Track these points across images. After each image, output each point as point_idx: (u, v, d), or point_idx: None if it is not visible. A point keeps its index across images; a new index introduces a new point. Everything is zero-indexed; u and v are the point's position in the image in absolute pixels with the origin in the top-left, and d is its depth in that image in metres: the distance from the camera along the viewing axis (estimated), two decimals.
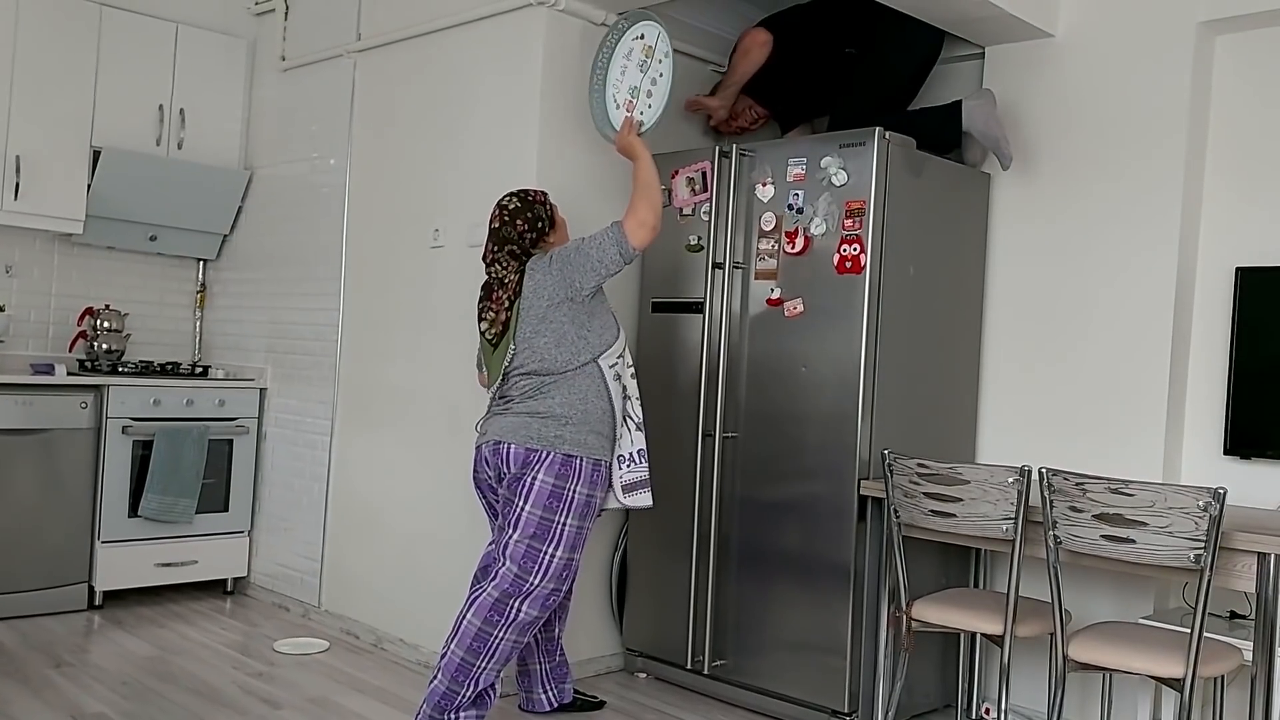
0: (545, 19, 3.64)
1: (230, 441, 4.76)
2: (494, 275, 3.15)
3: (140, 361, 4.88)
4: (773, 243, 3.49)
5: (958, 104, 3.53)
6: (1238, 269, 3.33)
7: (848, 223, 3.31)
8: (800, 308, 3.41)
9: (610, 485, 3.17)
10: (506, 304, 3.10)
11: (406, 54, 4.20)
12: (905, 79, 3.75)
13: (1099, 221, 3.54)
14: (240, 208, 5.09)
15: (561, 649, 3.43)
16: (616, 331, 3.19)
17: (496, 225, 3.18)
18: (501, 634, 3.01)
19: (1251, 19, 3.31)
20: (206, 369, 4.97)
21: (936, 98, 3.89)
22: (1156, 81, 3.44)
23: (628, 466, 3.18)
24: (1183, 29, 3.40)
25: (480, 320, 3.16)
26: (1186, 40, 3.39)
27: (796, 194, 3.43)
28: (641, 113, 3.40)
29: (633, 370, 3.23)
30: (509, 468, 3.05)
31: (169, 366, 4.88)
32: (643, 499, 3.22)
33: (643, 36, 3.42)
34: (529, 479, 3.01)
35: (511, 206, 3.18)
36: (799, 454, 3.41)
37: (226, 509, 4.76)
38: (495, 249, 3.17)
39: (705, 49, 4.15)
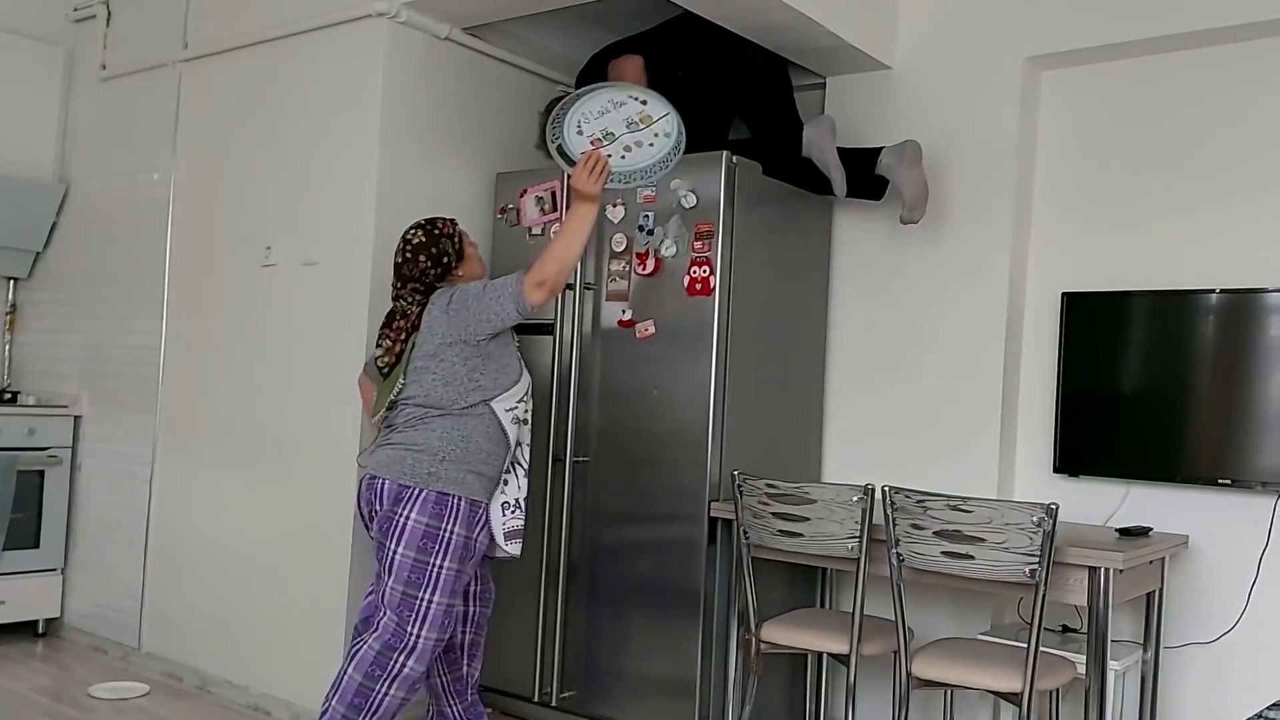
0: (386, 31, 3.53)
1: (41, 473, 4.42)
2: (398, 307, 3.02)
3: None
4: (624, 264, 3.46)
5: (799, 128, 3.58)
6: (1064, 294, 3.48)
7: (697, 245, 3.31)
8: (652, 329, 3.39)
9: (491, 532, 2.99)
10: (404, 335, 2.96)
11: (237, 65, 4.02)
12: (726, 99, 3.76)
13: (934, 247, 3.64)
14: (55, 223, 4.78)
15: (475, 689, 3.20)
16: (518, 375, 3.02)
17: (399, 261, 3.04)
18: (385, 689, 2.81)
19: (1074, 55, 3.48)
20: (16, 395, 4.62)
21: None
22: (987, 114, 3.58)
23: (511, 513, 3.02)
24: (1011, 64, 3.54)
25: (377, 346, 3.02)
26: (1014, 75, 3.54)
27: (647, 215, 3.41)
28: (608, 156, 2.92)
29: (529, 415, 3.08)
30: (380, 504, 2.88)
31: None
32: (517, 548, 3.04)
33: (645, 103, 2.96)
34: (400, 518, 2.84)
35: (415, 241, 3.02)
36: (651, 477, 3.38)
37: (37, 545, 4.42)
38: (399, 285, 3.04)
39: (551, 68, 4.11)
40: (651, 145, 2.94)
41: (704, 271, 3.29)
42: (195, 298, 4.12)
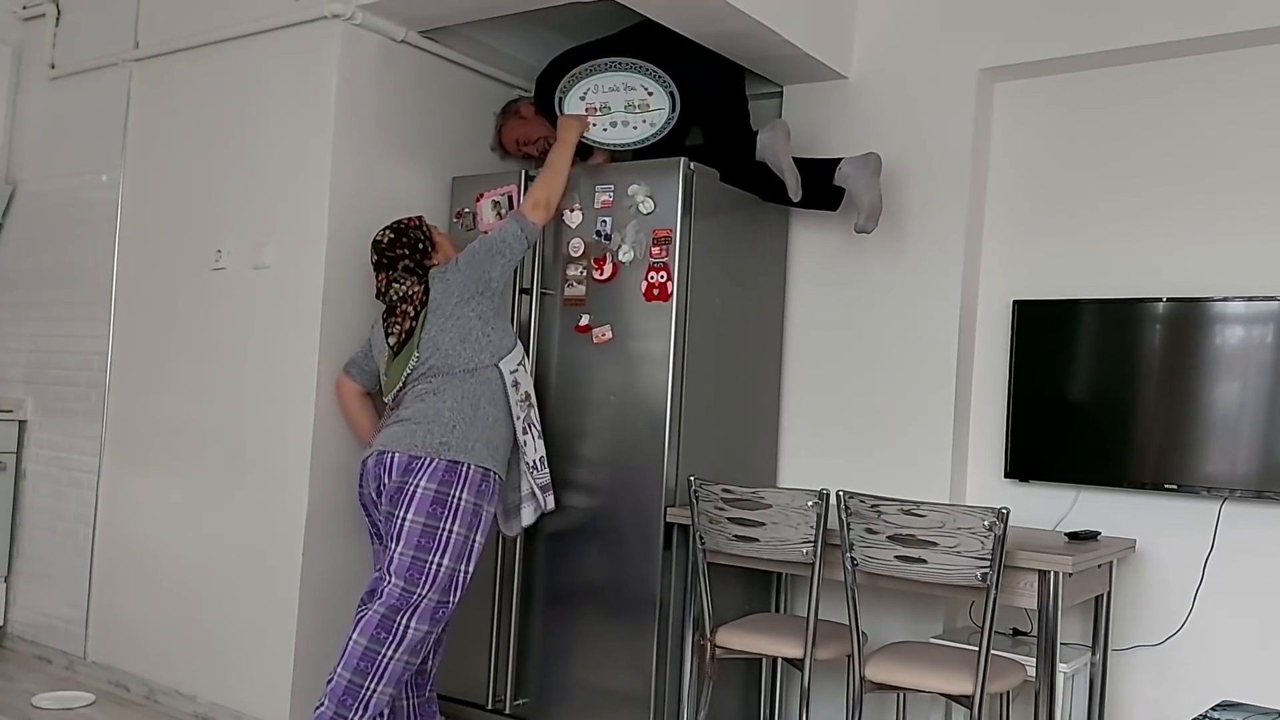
0: (341, 33, 3.50)
1: None
2: (395, 295, 3.13)
3: None
4: (581, 269, 3.45)
5: (752, 134, 3.60)
6: (1015, 302, 3.53)
7: (655, 250, 3.31)
8: (609, 335, 3.39)
9: (533, 493, 3.20)
10: (412, 314, 3.09)
11: (189, 65, 3.97)
12: (685, 107, 3.75)
13: (889, 255, 3.68)
14: (1, 224, 4.68)
15: (433, 684, 3.26)
16: (515, 340, 3.21)
17: (377, 258, 3.22)
18: (390, 652, 2.88)
19: (1025, 68, 3.54)
20: None
21: None
22: (941, 124, 3.62)
23: (537, 472, 3.20)
24: (965, 75, 3.59)
25: (388, 336, 3.13)
26: (968, 86, 3.58)
27: (604, 221, 3.41)
28: (594, 124, 3.50)
29: (532, 379, 3.27)
30: (390, 476, 2.96)
31: None
32: (551, 500, 3.26)
33: (652, 94, 3.49)
34: (411, 487, 2.93)
35: (386, 240, 3.23)
36: (607, 482, 3.37)
37: None
38: (389, 273, 3.19)
39: (509, 72, 4.10)
40: (635, 129, 3.43)
41: (661, 277, 3.30)
42: (144, 301, 4.05)
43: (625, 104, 3.44)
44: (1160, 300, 3.29)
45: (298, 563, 3.43)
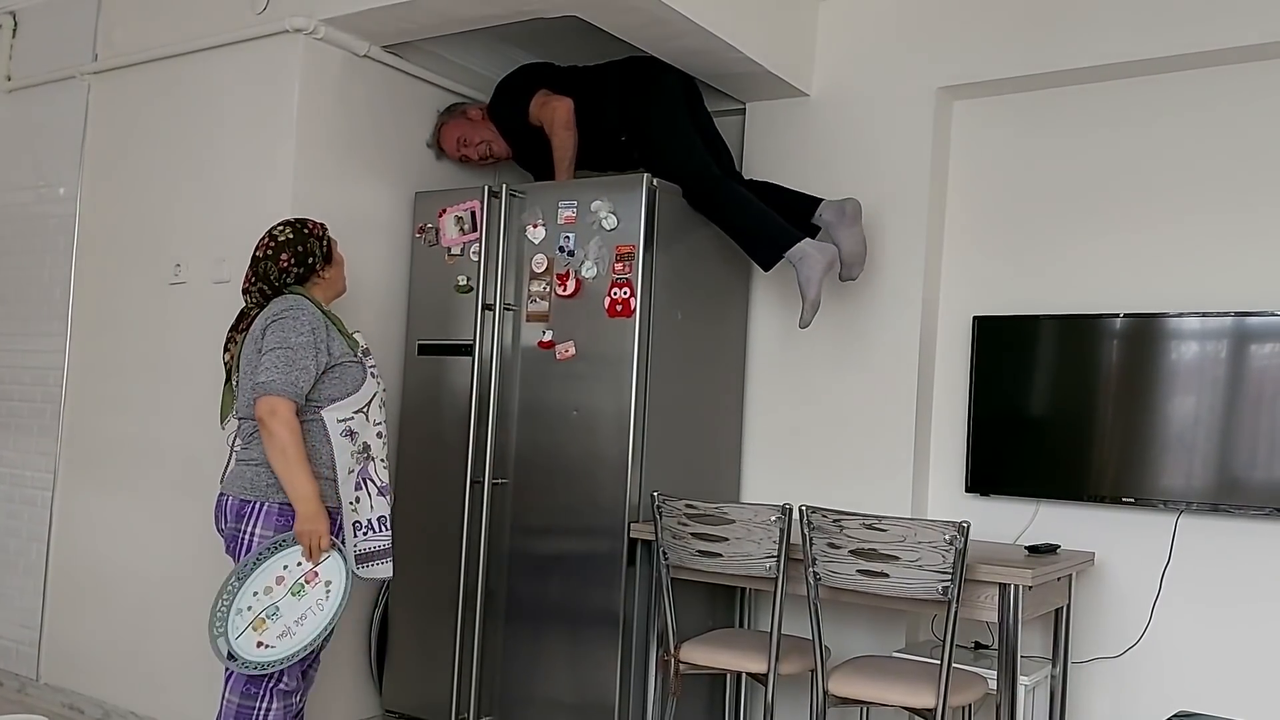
0: (303, 47, 3.48)
1: None
2: (246, 305, 2.90)
3: None
4: (544, 284, 3.45)
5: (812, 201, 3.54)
6: (975, 318, 3.56)
7: (618, 266, 3.32)
8: (572, 350, 3.38)
9: (365, 555, 2.83)
10: (240, 340, 2.86)
11: (148, 78, 3.93)
12: (690, 124, 3.73)
13: None
14: None
15: (301, 715, 3.06)
16: (357, 385, 2.82)
17: (259, 255, 2.88)
18: (265, 705, 2.77)
19: (982, 86, 3.59)
20: None
21: None
22: (901, 142, 3.66)
23: (363, 534, 2.81)
24: (924, 93, 3.63)
25: (225, 351, 2.92)
26: (927, 104, 3.62)
27: (568, 236, 3.41)
28: (272, 647, 2.70)
29: (380, 429, 2.87)
30: (225, 522, 2.78)
31: None
32: (381, 570, 2.84)
33: (321, 562, 2.75)
34: (245, 535, 2.73)
35: (282, 238, 2.88)
36: (570, 498, 3.37)
37: None
38: (253, 280, 2.88)
39: (472, 87, 4.10)
40: (321, 609, 2.77)
41: (624, 293, 3.30)
42: (101, 316, 4.00)
43: (292, 590, 2.71)
44: (1117, 316, 3.33)
45: None
